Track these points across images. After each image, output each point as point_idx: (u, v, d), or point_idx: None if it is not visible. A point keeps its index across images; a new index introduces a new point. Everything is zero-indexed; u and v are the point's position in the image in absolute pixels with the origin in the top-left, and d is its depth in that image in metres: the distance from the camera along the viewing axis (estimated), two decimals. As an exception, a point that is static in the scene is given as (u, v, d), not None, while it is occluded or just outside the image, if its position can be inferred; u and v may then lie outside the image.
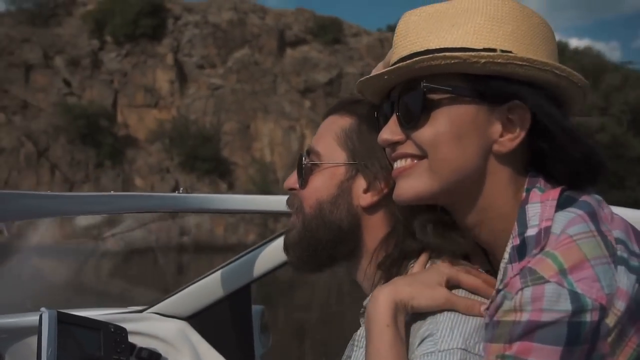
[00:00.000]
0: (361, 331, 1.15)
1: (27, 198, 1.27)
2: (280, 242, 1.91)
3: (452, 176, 0.97)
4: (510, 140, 0.97)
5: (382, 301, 0.98)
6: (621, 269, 0.87)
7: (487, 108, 0.96)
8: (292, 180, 1.21)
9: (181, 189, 1.79)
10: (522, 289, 0.87)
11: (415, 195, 1.00)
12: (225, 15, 51.01)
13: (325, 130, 1.19)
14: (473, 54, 0.92)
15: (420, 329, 0.97)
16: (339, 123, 1.17)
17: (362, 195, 1.13)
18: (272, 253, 2.03)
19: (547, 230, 0.91)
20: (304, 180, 1.18)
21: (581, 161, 0.97)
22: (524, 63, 0.93)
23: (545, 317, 0.84)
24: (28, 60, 45.42)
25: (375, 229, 1.13)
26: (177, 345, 2.06)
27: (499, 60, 0.92)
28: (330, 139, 1.17)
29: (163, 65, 47.54)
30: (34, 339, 1.61)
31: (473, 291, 1.01)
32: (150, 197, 1.73)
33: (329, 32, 52.21)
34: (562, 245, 0.88)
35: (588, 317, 0.84)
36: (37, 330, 1.56)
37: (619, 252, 0.89)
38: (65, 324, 1.61)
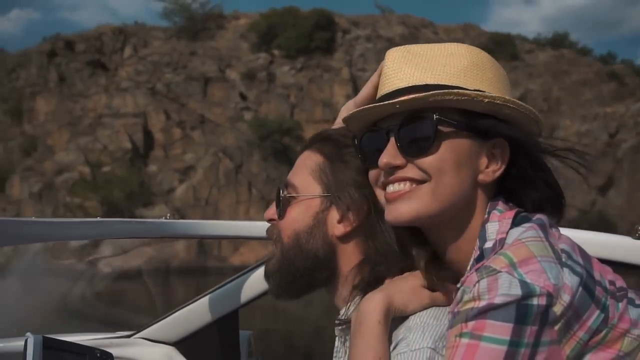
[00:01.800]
0: (337, 342, 1.23)
1: (11, 224, 1.29)
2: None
3: (451, 200, 1.08)
4: (493, 171, 1.11)
5: (376, 302, 1.08)
6: (566, 270, 1.00)
7: (479, 142, 1.10)
8: (272, 211, 1.28)
9: (168, 215, 1.82)
10: (478, 281, 0.99)
11: (415, 216, 1.08)
12: (397, 29, 50.07)
13: (301, 164, 1.26)
14: (479, 93, 1.05)
15: (398, 334, 1.07)
16: (313, 158, 1.24)
17: (336, 225, 1.20)
18: (259, 279, 2.04)
19: (502, 241, 1.05)
20: (282, 212, 1.24)
21: (545, 193, 1.12)
22: (513, 106, 1.08)
23: (498, 300, 0.95)
24: (206, 73, 44.38)
25: (349, 256, 1.20)
26: (164, 370, 2.06)
27: (497, 102, 1.06)
28: (305, 173, 1.24)
29: (339, 79, 46.11)
30: (19, 365, 1.61)
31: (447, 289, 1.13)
32: (137, 222, 1.75)
33: (505, 48, 49.71)
34: (513, 246, 1.02)
35: (535, 301, 0.95)
36: (22, 355, 1.56)
37: (563, 259, 1.02)
38: (51, 350, 1.61)
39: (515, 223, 1.07)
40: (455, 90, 1.04)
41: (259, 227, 1.98)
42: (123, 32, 48.49)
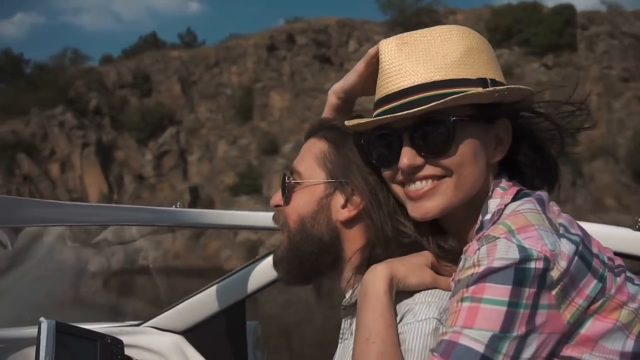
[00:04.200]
0: (343, 324, 1.25)
1: (29, 205, 1.33)
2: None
3: (473, 189, 1.15)
4: (500, 152, 1.18)
5: (379, 273, 1.11)
6: (563, 240, 1.04)
7: (487, 128, 1.15)
8: (277, 197, 1.31)
9: (178, 203, 1.85)
10: (478, 248, 1.04)
11: (442, 210, 1.14)
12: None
13: (305, 151, 1.30)
14: (490, 89, 1.10)
15: (401, 307, 1.11)
16: (318, 145, 1.28)
17: (340, 210, 1.23)
18: (267, 268, 2.07)
19: (499, 211, 1.11)
20: (287, 198, 1.28)
21: (542, 168, 1.20)
22: (518, 92, 1.13)
23: (497, 264, 1.00)
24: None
25: (353, 240, 1.23)
26: (172, 359, 2.09)
27: (505, 93, 1.11)
28: (310, 160, 1.27)
29: (590, 77, 42.60)
30: (31, 350, 1.65)
31: (449, 275, 1.17)
32: (147, 210, 1.78)
33: None
34: (511, 216, 1.07)
35: (533, 265, 0.99)
36: (36, 339, 1.60)
37: (561, 231, 1.07)
38: (63, 334, 1.65)
39: (515, 198, 1.12)
40: (470, 92, 1.08)
41: (268, 217, 2.00)
42: (347, 25, 47.45)
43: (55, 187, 44.03)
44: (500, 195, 1.14)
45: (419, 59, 1.11)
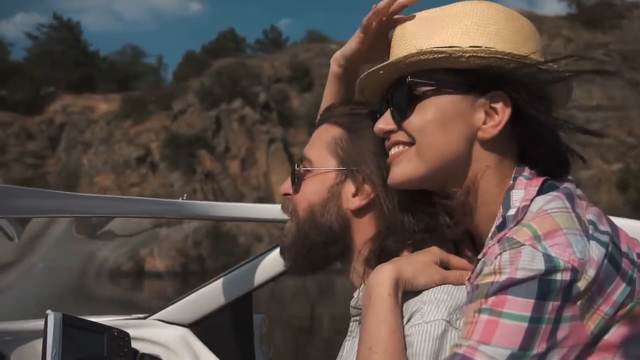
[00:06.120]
0: (351, 325, 1.21)
1: (34, 195, 1.32)
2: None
3: (437, 160, 1.07)
4: (492, 127, 1.06)
5: (385, 274, 1.06)
6: (593, 242, 0.95)
7: (471, 98, 1.06)
8: (287, 186, 1.29)
9: (185, 195, 1.84)
10: (500, 253, 0.95)
11: (406, 178, 1.09)
12: None
13: (316, 138, 1.27)
14: (457, 48, 1.03)
15: (409, 307, 1.06)
16: (330, 132, 1.25)
17: (351, 199, 1.20)
18: (274, 261, 2.07)
19: (525, 208, 1.01)
20: (297, 186, 1.25)
21: (550, 154, 1.07)
22: (505, 57, 1.03)
23: (520, 275, 0.92)
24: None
25: (364, 230, 1.20)
26: (178, 351, 2.09)
27: (481, 54, 1.02)
28: (321, 147, 1.24)
29: None
30: (38, 342, 1.65)
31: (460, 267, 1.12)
32: (154, 202, 1.77)
33: None
34: (538, 216, 0.98)
35: (559, 276, 0.91)
36: (43, 332, 1.60)
37: (590, 231, 0.97)
38: (70, 327, 1.65)
39: (541, 191, 1.03)
40: (429, 49, 1.03)
41: (276, 210, 1.99)
42: (534, 20, 45.24)
43: (236, 185, 43.22)
44: (524, 187, 1.04)
45: (416, 34, 1.10)
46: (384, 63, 1.10)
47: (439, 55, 1.03)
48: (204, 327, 2.14)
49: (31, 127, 47.78)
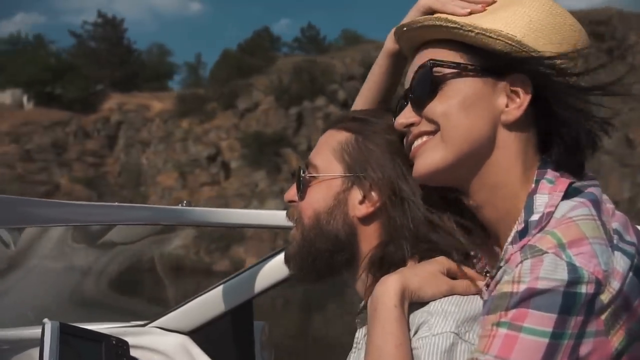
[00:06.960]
0: (358, 334, 1.18)
1: (30, 205, 1.30)
2: (281, 257, 1.92)
3: (464, 144, 1.03)
4: (515, 109, 1.02)
5: (391, 285, 1.03)
6: (617, 253, 0.92)
7: (492, 81, 1.03)
8: (292, 192, 1.25)
9: (184, 202, 1.82)
10: (521, 262, 0.92)
11: (433, 168, 1.05)
12: None
13: (323, 144, 1.23)
14: (469, 22, 1.01)
15: (415, 318, 1.02)
16: (337, 137, 1.21)
17: (358, 206, 1.17)
18: (274, 268, 2.04)
19: (549, 214, 0.96)
20: (302, 193, 1.22)
21: (576, 139, 1.02)
22: (513, 44, 0.99)
23: (542, 285, 0.88)
24: None
25: (370, 238, 1.17)
26: (178, 359, 2.07)
27: (489, 35, 0.99)
28: (327, 153, 1.21)
29: None
30: (35, 351, 1.63)
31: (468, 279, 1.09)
32: (152, 209, 1.75)
33: None
34: (562, 224, 0.93)
35: (583, 289, 0.87)
36: (40, 341, 1.57)
37: (615, 241, 0.93)
38: (68, 335, 1.63)
39: (566, 196, 0.98)
40: (445, 17, 1.03)
41: (277, 216, 1.97)
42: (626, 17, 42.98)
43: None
44: (548, 191, 0.99)
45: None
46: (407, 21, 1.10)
47: (452, 25, 1.01)
48: (204, 335, 2.12)
49: (87, 126, 47.13)
